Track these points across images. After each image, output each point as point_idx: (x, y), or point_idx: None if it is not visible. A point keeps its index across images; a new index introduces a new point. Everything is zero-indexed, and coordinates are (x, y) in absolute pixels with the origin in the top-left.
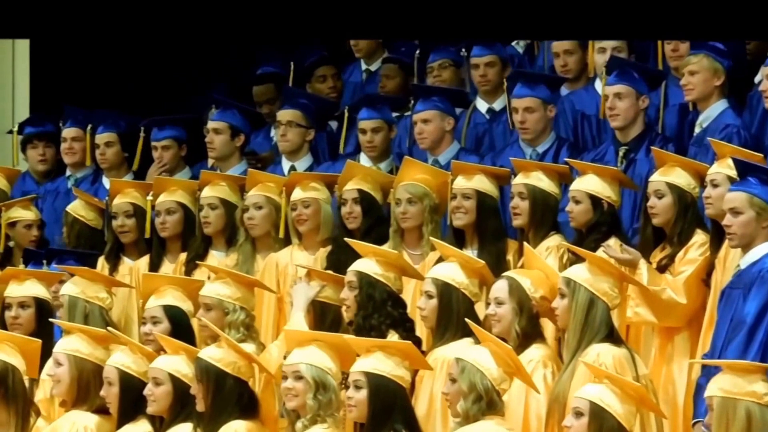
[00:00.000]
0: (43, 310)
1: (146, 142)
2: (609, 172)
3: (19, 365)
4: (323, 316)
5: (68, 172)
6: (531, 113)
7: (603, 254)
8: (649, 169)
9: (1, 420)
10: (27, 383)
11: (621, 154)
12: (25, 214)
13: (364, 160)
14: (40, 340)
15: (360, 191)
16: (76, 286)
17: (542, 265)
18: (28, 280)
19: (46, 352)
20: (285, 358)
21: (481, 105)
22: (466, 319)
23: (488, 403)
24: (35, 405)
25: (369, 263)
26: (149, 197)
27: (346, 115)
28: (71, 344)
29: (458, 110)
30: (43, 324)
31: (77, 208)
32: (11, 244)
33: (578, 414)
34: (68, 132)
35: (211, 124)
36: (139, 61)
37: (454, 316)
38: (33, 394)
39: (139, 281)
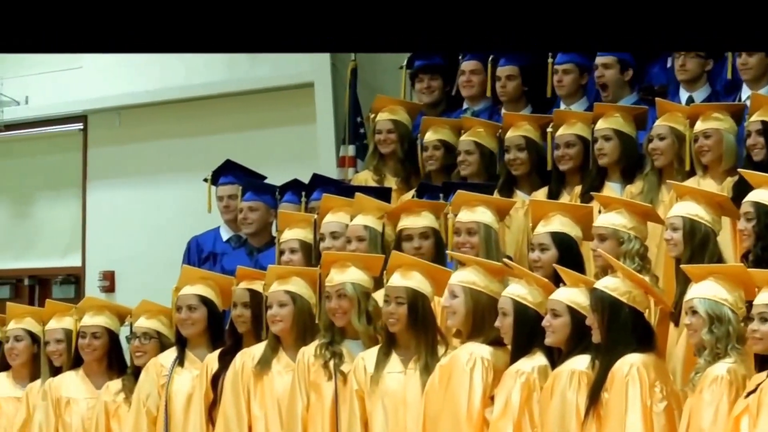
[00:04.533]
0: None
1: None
2: None
3: (429, 293)
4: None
5: (465, 105)
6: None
7: None
8: None
9: (408, 347)
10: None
11: None
12: (427, 136)
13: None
14: (451, 270)
15: (763, 122)
16: (489, 215)
17: None
18: (424, 212)
19: None
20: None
21: None
22: None
23: None
24: (444, 335)
25: (766, 193)
26: (549, 129)
27: None
28: (467, 276)
29: None
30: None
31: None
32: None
33: None
34: (467, 65)
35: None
36: None
37: None
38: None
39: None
